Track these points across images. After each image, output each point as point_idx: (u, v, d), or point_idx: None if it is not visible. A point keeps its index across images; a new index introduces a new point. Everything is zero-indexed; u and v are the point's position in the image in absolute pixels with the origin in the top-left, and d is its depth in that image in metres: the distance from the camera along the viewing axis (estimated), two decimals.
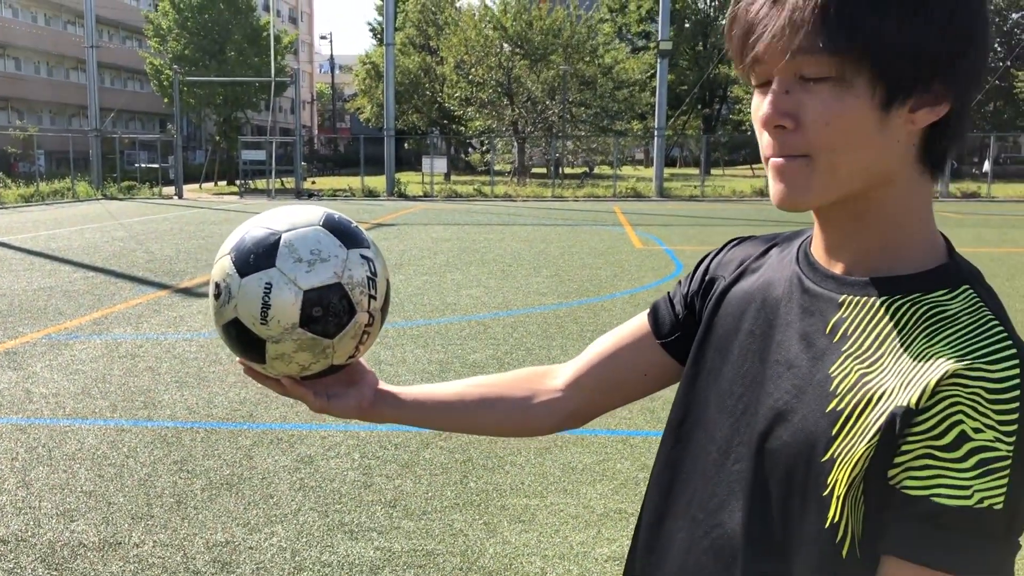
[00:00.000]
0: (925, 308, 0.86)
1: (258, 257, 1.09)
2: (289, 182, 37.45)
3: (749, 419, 0.95)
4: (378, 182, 35.01)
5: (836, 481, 0.84)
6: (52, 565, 3.64)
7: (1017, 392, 0.77)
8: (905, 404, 0.80)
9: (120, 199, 32.61)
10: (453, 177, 45.46)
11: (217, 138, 45.68)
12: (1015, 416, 0.77)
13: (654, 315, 1.16)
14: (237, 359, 1.18)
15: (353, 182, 36.43)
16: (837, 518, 0.84)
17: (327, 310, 1.08)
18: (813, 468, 0.86)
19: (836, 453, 0.84)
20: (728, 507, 0.96)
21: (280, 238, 1.10)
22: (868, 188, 0.87)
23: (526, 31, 42.82)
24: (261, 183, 38.06)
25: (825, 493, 0.85)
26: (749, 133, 48.61)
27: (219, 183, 43.77)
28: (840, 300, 0.90)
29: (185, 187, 36.21)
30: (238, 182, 38.34)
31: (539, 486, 4.48)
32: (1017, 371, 0.78)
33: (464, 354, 7.28)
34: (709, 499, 0.99)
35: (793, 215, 0.91)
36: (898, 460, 0.80)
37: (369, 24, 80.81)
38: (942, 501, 0.77)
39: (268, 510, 4.20)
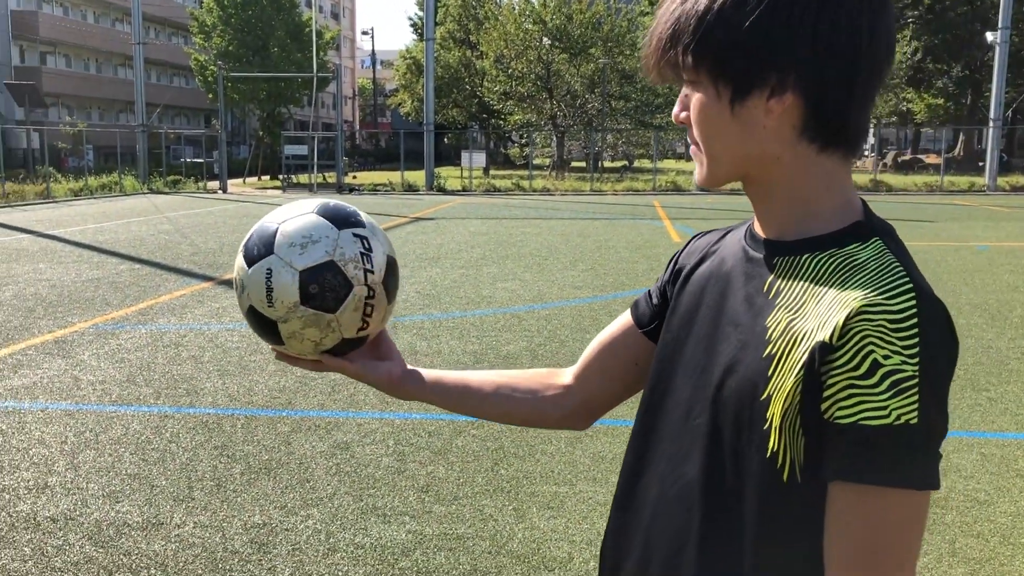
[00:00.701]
0: (840, 259, 0.98)
1: (260, 248, 1.21)
2: (331, 176, 37.85)
3: (706, 378, 1.07)
4: (418, 176, 35.24)
5: (772, 414, 0.96)
6: (98, 543, 3.79)
7: (915, 320, 0.89)
8: (821, 340, 0.92)
9: (166, 193, 33.21)
10: (492, 171, 45.57)
11: (260, 133, 46.27)
12: (915, 340, 0.89)
13: (635, 308, 1.29)
14: (271, 348, 1.30)
15: (393, 177, 36.71)
16: (776, 447, 0.96)
17: (323, 287, 1.19)
18: (755, 408, 0.98)
19: (772, 390, 0.97)
20: (691, 458, 1.07)
21: (278, 228, 1.22)
22: (754, 167, 1.02)
23: (566, 25, 42.75)
24: (303, 177, 38.48)
25: (765, 427, 0.97)
26: None
27: (262, 177, 44.33)
28: (774, 262, 1.04)
29: (229, 181, 36.73)
30: (281, 176, 38.81)
31: (569, 474, 4.55)
32: (914, 303, 0.90)
33: (498, 345, 7.37)
34: (675, 454, 1.10)
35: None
36: (826, 394, 0.92)
37: (410, 19, 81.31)
38: (867, 423, 0.89)
39: (304, 494, 4.32)
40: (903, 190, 32.00)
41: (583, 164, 45.50)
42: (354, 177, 40.19)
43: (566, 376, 1.36)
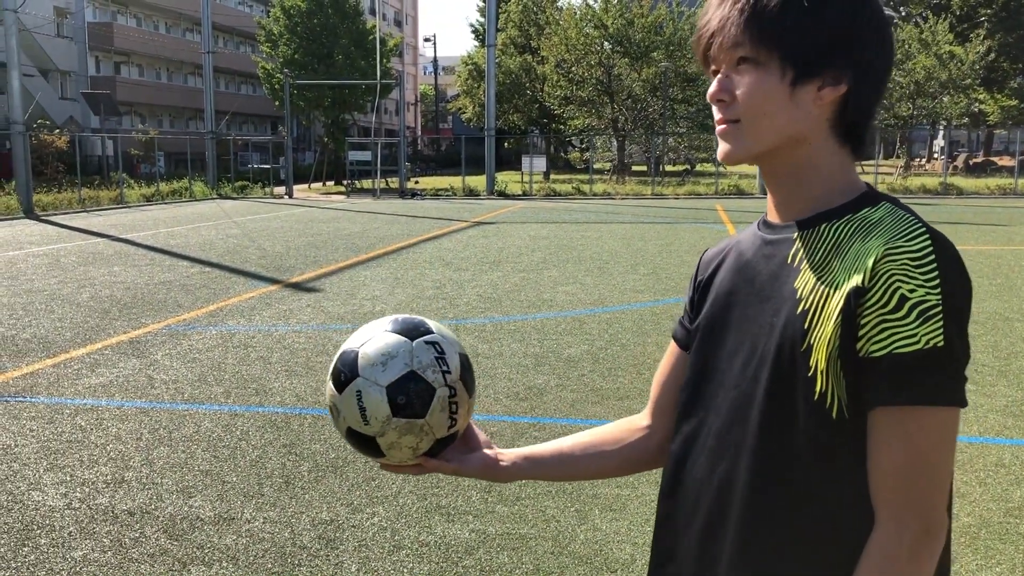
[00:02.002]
0: (856, 222, 1.12)
1: (346, 373, 1.33)
2: (393, 182, 38.29)
3: (747, 355, 1.17)
4: (479, 181, 35.43)
5: (816, 361, 1.07)
6: (173, 536, 3.92)
7: (933, 257, 1.03)
8: (854, 285, 1.05)
9: (234, 198, 33.97)
10: (552, 176, 45.56)
11: (325, 139, 47.00)
12: (935, 274, 1.02)
13: (677, 336, 1.39)
14: (376, 462, 1.40)
15: (455, 182, 36.98)
16: (823, 388, 1.07)
17: (409, 396, 1.30)
18: (797, 360, 1.09)
19: (811, 340, 1.08)
20: (741, 423, 1.17)
21: (358, 352, 1.33)
22: (785, 146, 1.14)
23: (627, 29, 42.54)
24: (367, 183, 39.01)
25: (810, 374, 1.08)
26: None
27: (327, 183, 45.04)
28: (794, 237, 1.17)
29: (295, 187, 37.42)
30: (345, 182, 39.40)
31: (631, 477, 4.55)
32: (930, 243, 1.04)
33: (559, 349, 7.40)
34: (720, 428, 1.19)
35: None
36: (861, 334, 1.04)
37: (471, 25, 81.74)
38: (900, 351, 1.02)
39: (370, 492, 4.40)
40: (975, 193, 31.12)
41: (644, 168, 45.23)
42: (416, 182, 40.56)
43: (643, 419, 1.44)
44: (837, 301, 1.06)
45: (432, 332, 1.35)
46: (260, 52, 47.84)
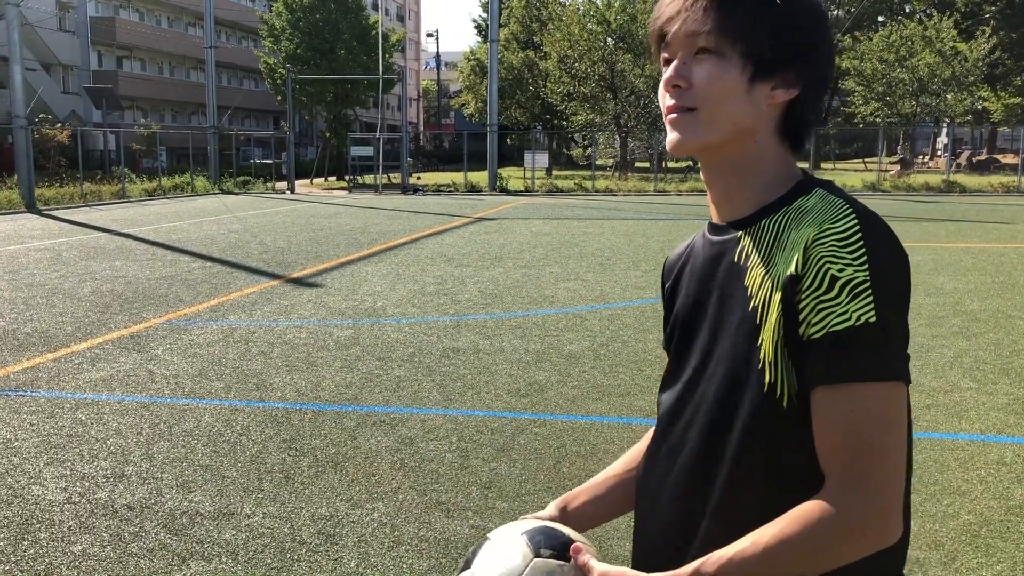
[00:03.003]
0: (792, 213, 1.15)
1: None
2: (395, 177, 38.26)
3: (707, 349, 1.21)
4: (481, 177, 35.41)
5: (765, 352, 1.11)
6: (172, 531, 3.92)
7: (859, 236, 1.06)
8: (790, 273, 1.08)
9: (236, 193, 33.97)
10: (555, 172, 45.53)
11: (327, 135, 46.98)
12: (861, 252, 1.04)
13: (665, 345, 1.37)
14: None
15: (457, 177, 36.95)
16: (772, 379, 1.10)
17: None
18: (752, 355, 1.12)
19: (762, 335, 1.11)
20: (694, 427, 1.20)
21: None
22: (735, 139, 1.16)
23: (630, 25, 42.48)
24: (369, 178, 38.98)
25: (760, 366, 1.11)
26: (861, 125, 46.46)
27: (329, 178, 45.02)
28: (738, 236, 1.19)
29: (297, 182, 37.43)
30: (347, 177, 39.37)
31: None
32: (855, 222, 1.07)
33: (560, 345, 7.39)
34: (681, 429, 1.23)
35: None
36: (801, 319, 1.07)
37: (474, 21, 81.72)
38: (835, 329, 1.04)
39: (370, 487, 4.40)
40: (978, 191, 31.06)
41: (647, 164, 45.19)
42: (418, 178, 40.56)
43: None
44: (778, 290, 1.09)
45: (575, 540, 1.24)
46: (262, 47, 47.82)
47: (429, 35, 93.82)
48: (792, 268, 1.07)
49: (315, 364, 6.83)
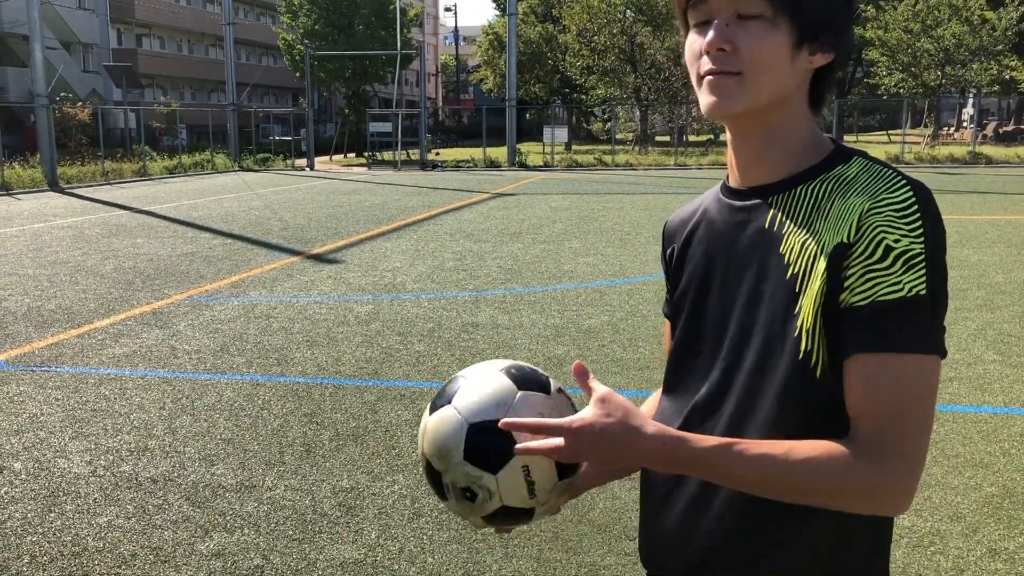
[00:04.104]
0: (832, 181, 1.12)
1: (499, 450, 1.17)
2: (414, 153, 38.22)
3: (734, 325, 1.17)
4: (500, 152, 35.29)
5: (803, 320, 1.08)
6: (195, 503, 3.96)
7: (915, 207, 1.04)
8: (838, 241, 1.06)
9: (255, 170, 34.07)
10: (574, 146, 45.32)
11: (346, 111, 46.94)
12: (918, 223, 1.03)
13: (666, 313, 1.38)
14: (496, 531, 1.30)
15: (476, 153, 36.86)
16: (808, 347, 1.08)
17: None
18: (787, 323, 1.10)
19: (802, 302, 1.09)
20: (726, 395, 1.17)
21: (502, 421, 1.17)
22: (772, 106, 1.14)
23: None
24: (388, 154, 38.97)
25: (796, 334, 1.09)
26: (885, 97, 45.77)
27: (348, 155, 45.04)
28: (768, 202, 1.17)
29: (316, 159, 37.48)
30: (366, 153, 39.38)
31: None
32: (912, 193, 1.06)
33: (579, 320, 7.38)
34: (706, 400, 1.20)
35: None
36: (846, 286, 1.05)
37: None
38: (884, 298, 1.02)
39: (390, 460, 4.42)
40: (1004, 162, 30.62)
41: (667, 138, 44.86)
42: (437, 154, 40.49)
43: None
44: (824, 258, 1.07)
45: (570, 402, 1.28)
46: (281, 23, 47.73)
47: (447, 9, 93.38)
48: (843, 237, 1.06)
49: (335, 339, 6.86)
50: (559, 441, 1.11)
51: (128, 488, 4.13)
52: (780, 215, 1.14)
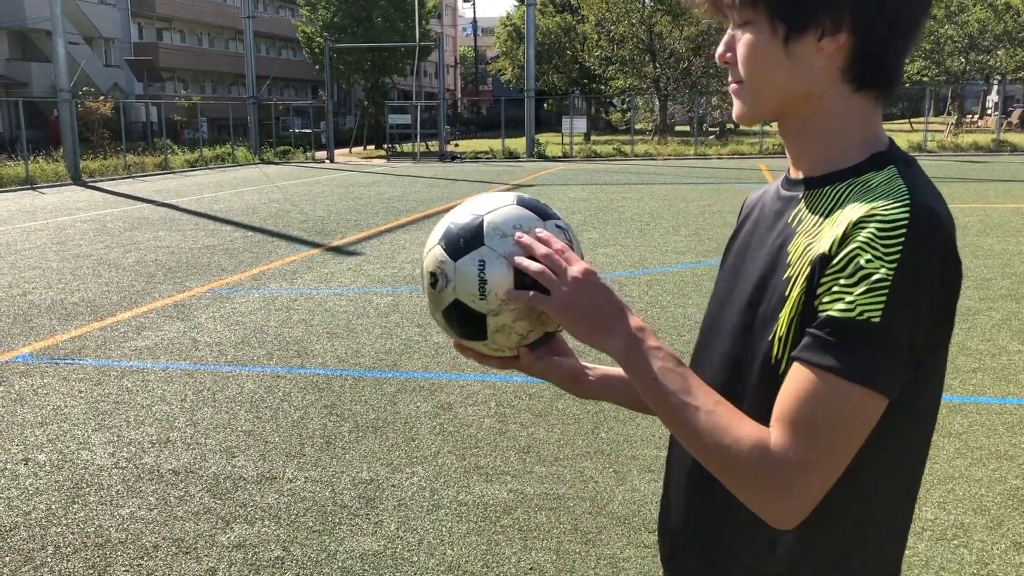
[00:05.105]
0: (855, 186, 1.06)
1: (467, 240, 1.18)
2: (433, 145, 38.23)
3: (737, 305, 1.16)
4: (519, 143, 35.24)
5: (779, 325, 1.06)
6: (216, 495, 3.99)
7: (904, 229, 0.95)
8: (823, 252, 1.01)
9: (276, 163, 34.21)
10: (593, 137, 45.14)
11: (365, 103, 47.03)
12: (899, 248, 0.95)
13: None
14: (453, 341, 1.27)
15: (494, 144, 36.81)
16: (779, 354, 1.05)
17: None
18: (768, 326, 1.08)
19: (784, 307, 1.06)
20: (721, 357, 1.18)
21: (483, 220, 1.19)
22: (792, 104, 1.09)
23: None
24: (407, 146, 39.00)
25: (770, 338, 1.07)
26: (907, 85, 45.46)
27: (368, 147, 45.14)
28: (800, 196, 1.13)
29: (336, 151, 37.57)
30: (385, 146, 39.44)
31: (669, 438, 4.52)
32: (906, 213, 0.96)
33: None
34: (716, 362, 1.20)
35: None
36: (817, 294, 1.00)
37: None
38: (834, 314, 0.97)
39: (410, 452, 4.43)
40: None
41: (687, 128, 44.62)
42: (456, 145, 40.46)
43: None
44: (808, 268, 1.02)
45: (560, 219, 1.24)
46: (300, 16, 47.82)
47: (465, 0, 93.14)
48: (828, 247, 1.00)
49: (355, 331, 6.88)
50: (555, 278, 1.12)
51: (150, 480, 4.16)
52: (803, 212, 1.10)
